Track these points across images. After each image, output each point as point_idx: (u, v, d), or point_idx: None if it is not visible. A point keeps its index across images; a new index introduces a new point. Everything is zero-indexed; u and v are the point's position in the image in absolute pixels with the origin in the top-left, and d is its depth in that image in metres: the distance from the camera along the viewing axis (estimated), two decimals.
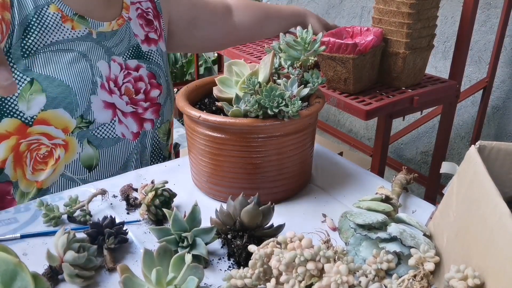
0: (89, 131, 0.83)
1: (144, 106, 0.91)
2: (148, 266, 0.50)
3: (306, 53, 0.69)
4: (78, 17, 0.83)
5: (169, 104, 0.97)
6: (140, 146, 0.92)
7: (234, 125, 0.63)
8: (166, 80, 0.97)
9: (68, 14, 0.82)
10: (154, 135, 0.94)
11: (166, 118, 0.97)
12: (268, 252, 0.50)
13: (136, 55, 0.92)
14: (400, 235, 0.54)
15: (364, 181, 0.77)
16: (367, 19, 2.22)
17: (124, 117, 0.88)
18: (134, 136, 0.90)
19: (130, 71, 0.90)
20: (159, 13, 0.99)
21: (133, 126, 0.89)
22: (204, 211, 0.61)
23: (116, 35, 0.89)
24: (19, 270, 0.42)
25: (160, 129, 0.95)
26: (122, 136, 0.88)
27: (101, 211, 0.69)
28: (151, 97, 0.92)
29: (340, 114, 2.54)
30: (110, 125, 0.86)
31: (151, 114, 0.92)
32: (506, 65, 1.76)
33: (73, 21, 0.83)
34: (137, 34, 0.93)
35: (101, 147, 0.85)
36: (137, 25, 0.94)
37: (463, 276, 0.44)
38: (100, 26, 0.86)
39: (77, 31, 0.83)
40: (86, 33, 0.84)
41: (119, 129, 0.87)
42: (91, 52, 0.85)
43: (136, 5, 0.95)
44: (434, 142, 1.59)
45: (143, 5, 0.96)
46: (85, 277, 0.54)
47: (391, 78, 1.32)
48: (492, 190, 0.44)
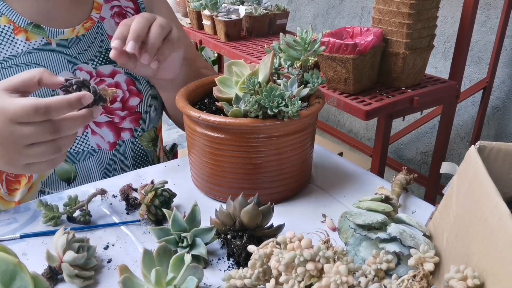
0: None
1: (121, 115, 0.85)
2: (148, 266, 0.50)
3: (306, 53, 0.69)
4: (33, 26, 0.77)
5: (153, 112, 0.91)
6: (119, 156, 0.87)
7: (234, 125, 0.63)
8: (151, 86, 0.89)
9: (21, 24, 0.76)
10: (134, 144, 0.89)
11: (149, 125, 0.91)
12: (268, 252, 0.49)
13: (112, 60, 0.83)
14: (400, 236, 0.54)
15: (364, 181, 0.77)
16: (367, 19, 2.22)
17: (98, 128, 0.83)
18: (111, 146, 0.85)
19: (104, 78, 0.83)
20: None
21: (109, 136, 0.84)
22: (204, 211, 0.61)
23: (82, 41, 0.82)
24: (19, 270, 0.42)
25: (142, 137, 0.90)
26: (97, 147, 0.83)
27: (101, 211, 0.68)
28: (129, 105, 0.86)
29: (340, 114, 2.54)
30: (82, 138, 0.81)
31: (130, 123, 0.86)
32: (506, 65, 1.76)
33: (27, 31, 0.76)
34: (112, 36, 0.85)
35: (77, 161, 0.81)
36: (112, 25, 0.86)
37: (463, 276, 0.44)
38: (59, 33, 0.79)
39: (32, 42, 0.77)
40: (43, 43, 0.78)
41: (93, 141, 0.83)
42: (51, 63, 0.78)
43: (112, 3, 0.87)
44: (434, 142, 1.59)
45: (122, 3, 0.89)
46: (84, 277, 0.54)
47: (391, 78, 1.32)
48: (492, 190, 0.44)
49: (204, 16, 2.02)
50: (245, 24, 1.96)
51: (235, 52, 1.78)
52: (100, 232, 0.64)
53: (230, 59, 1.62)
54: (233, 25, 1.89)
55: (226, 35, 1.90)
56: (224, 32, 1.89)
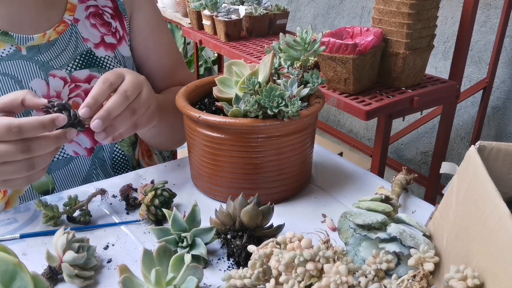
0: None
1: None
2: (148, 266, 0.50)
3: (306, 53, 0.69)
4: (1, 34, 0.73)
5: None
6: (98, 161, 0.84)
7: (234, 125, 0.63)
8: None
9: None
10: (113, 149, 0.86)
11: None
12: (268, 252, 0.49)
13: (88, 64, 0.80)
14: (400, 235, 0.54)
15: (364, 181, 0.77)
16: (367, 19, 2.22)
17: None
18: (89, 151, 0.82)
19: (79, 83, 0.79)
20: (122, 14, 0.86)
21: (86, 142, 0.81)
22: (204, 211, 0.61)
23: (54, 46, 0.78)
24: (19, 270, 0.42)
25: (122, 142, 0.87)
26: (74, 154, 0.81)
27: (100, 211, 0.68)
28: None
29: (340, 114, 2.54)
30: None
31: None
32: (506, 65, 1.76)
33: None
34: (88, 38, 0.81)
35: (53, 170, 0.79)
36: (87, 27, 0.82)
37: (463, 276, 0.44)
38: (29, 40, 0.75)
39: (0, 51, 0.73)
40: (12, 51, 0.74)
41: (69, 148, 0.80)
42: (21, 71, 0.74)
43: (87, 3, 0.82)
44: (434, 143, 1.59)
45: (99, 2, 0.83)
46: (84, 277, 0.54)
47: (391, 78, 1.32)
48: (492, 190, 0.44)
49: (204, 16, 2.02)
50: (245, 24, 1.96)
51: (235, 52, 1.78)
52: (100, 232, 0.64)
53: (230, 59, 1.62)
54: (233, 25, 1.89)
55: (226, 35, 1.90)
56: (224, 32, 1.89)
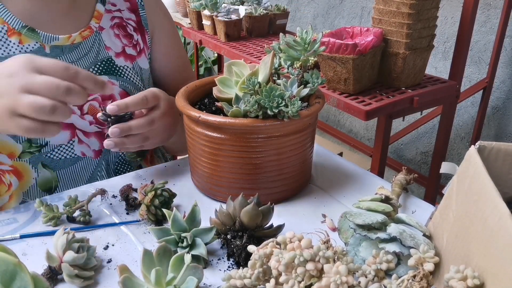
0: (42, 154, 0.77)
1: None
2: (148, 266, 0.50)
3: (306, 53, 0.69)
4: (28, 29, 0.75)
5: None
6: (104, 163, 0.85)
7: (234, 125, 0.63)
8: None
9: (16, 27, 0.74)
10: (119, 153, 0.87)
11: None
12: (268, 253, 0.49)
13: (107, 71, 0.82)
14: (400, 236, 0.54)
15: (364, 181, 0.77)
16: (367, 19, 2.22)
17: (86, 137, 0.81)
18: (96, 154, 0.83)
19: None
20: (145, 28, 0.89)
21: (95, 145, 0.83)
22: (204, 211, 0.61)
23: (77, 49, 0.80)
24: (19, 270, 0.42)
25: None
26: (82, 155, 0.82)
27: (100, 211, 0.68)
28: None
29: (340, 114, 2.54)
30: (67, 146, 0.79)
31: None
32: (506, 65, 1.76)
33: (21, 34, 0.75)
34: (110, 47, 0.84)
35: (58, 168, 0.80)
36: (111, 36, 0.84)
37: (463, 276, 0.44)
38: (54, 39, 0.77)
39: (25, 46, 0.75)
40: (37, 48, 0.76)
41: (78, 149, 0.81)
42: None
43: (113, 13, 0.85)
44: (434, 143, 1.59)
45: (124, 15, 0.87)
46: (84, 277, 0.54)
47: (391, 78, 1.32)
48: (492, 191, 0.44)
49: (204, 16, 2.02)
50: (245, 24, 1.96)
51: (235, 52, 1.78)
52: (100, 232, 0.64)
53: (230, 59, 1.62)
54: (233, 25, 1.89)
55: (226, 35, 1.90)
56: (224, 32, 1.89)
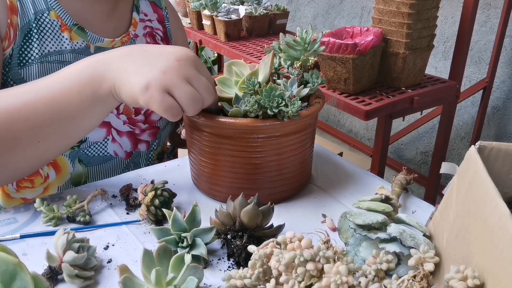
0: (80, 150, 0.80)
1: (142, 128, 0.88)
2: (148, 266, 0.50)
3: (306, 53, 0.69)
4: (77, 28, 0.79)
5: (168, 129, 0.95)
6: (133, 165, 0.89)
7: (234, 125, 0.63)
8: None
9: (68, 23, 0.78)
10: (148, 156, 0.92)
11: (162, 141, 0.94)
12: (268, 253, 0.49)
13: None
14: (400, 236, 0.54)
15: (364, 181, 0.77)
16: (367, 19, 2.23)
17: (119, 136, 0.85)
18: (127, 155, 0.87)
19: None
20: (170, 39, 0.96)
21: (127, 146, 0.87)
22: (204, 211, 0.61)
23: None
24: (19, 270, 0.42)
25: (155, 151, 0.93)
26: (114, 155, 0.85)
27: (101, 211, 0.69)
28: (151, 119, 0.89)
29: (340, 114, 2.54)
30: (102, 144, 0.83)
31: (148, 136, 0.90)
32: (506, 65, 1.76)
33: (72, 31, 0.78)
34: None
35: (91, 164, 0.83)
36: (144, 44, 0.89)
37: (463, 276, 0.44)
38: (99, 41, 0.82)
39: (74, 42, 0.79)
40: (83, 46, 0.80)
41: (111, 148, 0.85)
42: None
43: (145, 23, 0.91)
44: (434, 143, 1.59)
45: (153, 25, 0.93)
46: (84, 277, 0.54)
47: (391, 78, 1.32)
48: (492, 191, 0.44)
49: (204, 16, 2.02)
50: (245, 24, 1.96)
51: (235, 52, 1.78)
52: (100, 232, 0.64)
53: (230, 59, 1.62)
54: (233, 25, 1.89)
55: (226, 35, 1.90)
56: (224, 32, 1.89)
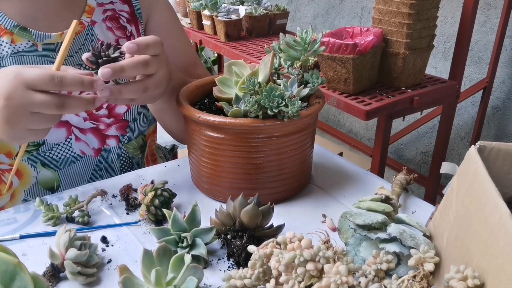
0: (40, 153, 0.78)
1: (107, 122, 0.83)
2: (148, 266, 0.50)
3: (306, 53, 0.69)
4: (19, 29, 0.74)
5: (142, 120, 0.89)
6: (105, 162, 0.86)
7: (234, 125, 0.63)
8: None
9: (7, 26, 0.74)
10: (121, 151, 0.87)
11: (137, 133, 0.89)
12: (268, 253, 0.49)
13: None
14: (400, 236, 0.54)
15: (364, 181, 0.77)
16: (367, 19, 2.22)
17: (82, 134, 0.81)
18: (96, 152, 0.84)
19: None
20: (138, 18, 0.88)
21: (94, 143, 0.83)
22: (204, 211, 0.61)
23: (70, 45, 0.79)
24: (19, 270, 0.42)
25: (128, 144, 0.88)
26: (81, 153, 0.82)
27: (101, 212, 0.68)
28: (115, 113, 0.84)
29: (340, 114, 2.54)
30: (65, 144, 0.80)
31: (116, 130, 0.85)
32: (506, 65, 1.76)
33: (13, 34, 0.74)
34: (103, 40, 0.83)
35: (59, 167, 0.80)
36: (104, 29, 0.83)
37: (463, 276, 0.44)
38: (46, 37, 0.76)
39: (17, 45, 0.75)
40: (29, 46, 0.76)
41: (77, 147, 0.81)
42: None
43: (105, 6, 0.84)
44: (434, 143, 1.59)
45: (116, 6, 0.86)
46: (87, 274, 0.54)
47: (391, 78, 1.32)
48: (492, 190, 0.44)
49: (204, 16, 2.02)
50: (245, 24, 1.96)
51: (235, 52, 1.78)
52: (100, 232, 0.64)
53: (230, 59, 1.62)
54: (233, 25, 1.89)
55: (226, 35, 1.90)
56: (224, 32, 1.89)
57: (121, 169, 0.89)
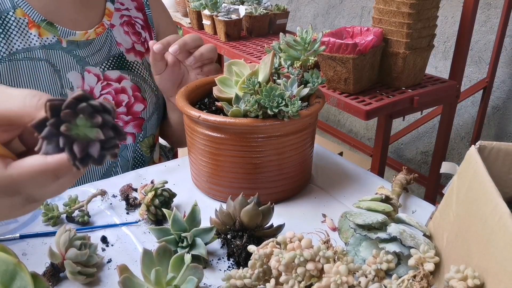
0: None
1: (125, 120, 0.87)
2: (148, 266, 0.50)
3: (306, 53, 0.69)
4: (47, 23, 0.77)
5: (155, 119, 0.93)
6: (121, 160, 0.88)
7: (234, 125, 0.63)
8: (155, 95, 0.91)
9: (36, 19, 0.77)
10: (136, 148, 0.90)
11: (150, 132, 0.92)
12: (268, 252, 0.49)
13: (119, 65, 0.86)
14: (400, 235, 0.54)
15: (364, 181, 0.77)
16: (367, 19, 2.22)
17: None
18: None
19: (111, 82, 0.85)
20: (151, 26, 0.94)
21: None
22: (204, 211, 0.61)
23: (92, 45, 0.84)
24: (19, 270, 0.42)
25: (142, 142, 0.91)
26: None
27: (100, 212, 0.68)
28: (133, 111, 0.88)
29: (340, 114, 2.54)
30: None
31: (133, 128, 0.88)
32: (506, 65, 1.76)
33: (40, 27, 0.77)
34: (121, 43, 0.88)
35: None
36: (121, 33, 0.88)
37: (463, 276, 0.44)
38: (71, 34, 0.80)
39: (44, 39, 0.77)
40: (54, 41, 0.79)
41: None
42: (60, 62, 0.79)
43: (122, 12, 0.89)
44: (434, 142, 1.59)
45: (131, 13, 0.91)
46: (87, 274, 0.54)
47: (391, 78, 1.32)
48: (492, 190, 0.44)
49: (204, 16, 2.02)
50: (245, 24, 1.96)
51: (235, 52, 1.78)
52: (100, 232, 0.64)
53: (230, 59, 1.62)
54: (233, 25, 1.88)
55: (226, 35, 1.89)
56: (224, 32, 1.89)
57: (134, 167, 0.91)
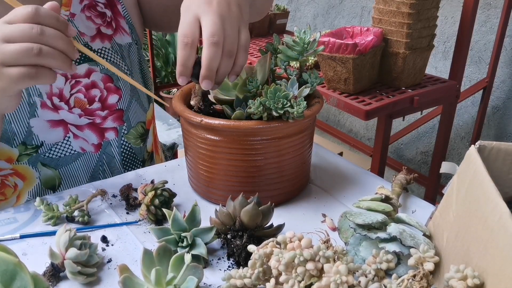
0: (39, 155, 0.77)
1: (102, 115, 0.81)
2: (148, 266, 0.50)
3: (305, 54, 0.69)
4: None
5: (136, 106, 0.86)
6: (106, 157, 0.84)
7: (239, 127, 0.62)
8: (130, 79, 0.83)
9: None
10: (121, 143, 0.85)
11: (135, 121, 0.86)
12: (268, 252, 0.49)
13: (86, 57, 0.79)
14: (400, 235, 0.54)
15: (364, 181, 0.77)
16: (367, 19, 2.22)
17: (79, 131, 0.80)
18: (96, 147, 0.82)
19: (79, 79, 0.78)
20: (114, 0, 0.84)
21: (93, 138, 0.81)
22: (203, 211, 0.61)
23: None
24: (19, 270, 0.42)
25: (128, 135, 0.86)
26: (81, 151, 0.81)
27: (101, 211, 0.69)
28: (108, 104, 0.81)
29: (340, 114, 2.54)
30: (64, 143, 0.79)
31: (113, 122, 0.83)
32: (506, 65, 1.76)
33: None
34: (84, 32, 0.80)
35: (60, 166, 0.80)
36: (83, 21, 0.80)
37: (463, 276, 0.44)
38: None
39: None
40: None
41: (76, 144, 0.80)
42: None
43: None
44: (434, 142, 1.59)
45: None
46: (87, 274, 0.54)
47: (391, 78, 1.32)
48: (492, 190, 0.44)
49: None
50: None
51: None
52: (100, 231, 0.64)
53: None
54: None
55: None
56: None
57: (123, 162, 0.87)
